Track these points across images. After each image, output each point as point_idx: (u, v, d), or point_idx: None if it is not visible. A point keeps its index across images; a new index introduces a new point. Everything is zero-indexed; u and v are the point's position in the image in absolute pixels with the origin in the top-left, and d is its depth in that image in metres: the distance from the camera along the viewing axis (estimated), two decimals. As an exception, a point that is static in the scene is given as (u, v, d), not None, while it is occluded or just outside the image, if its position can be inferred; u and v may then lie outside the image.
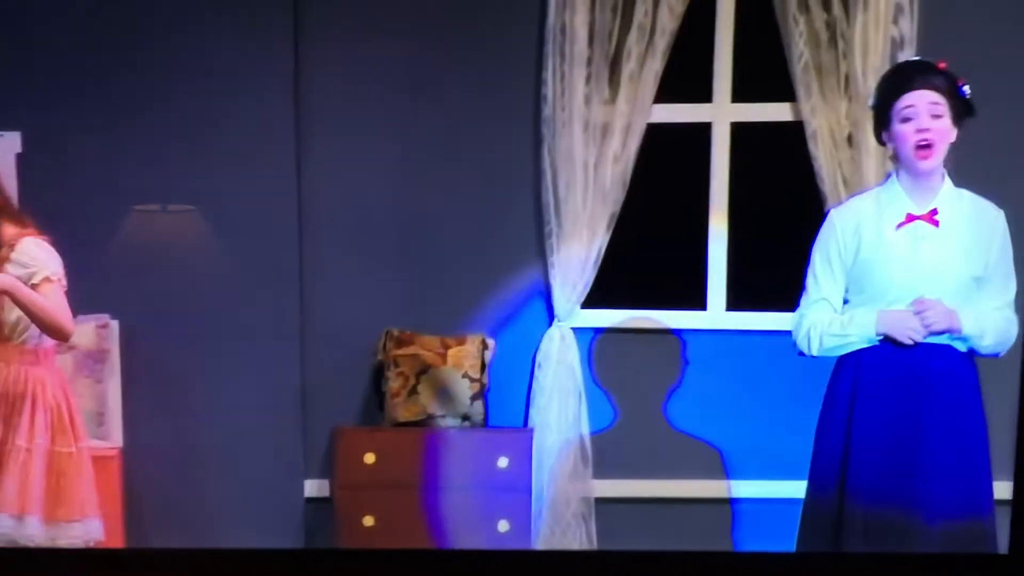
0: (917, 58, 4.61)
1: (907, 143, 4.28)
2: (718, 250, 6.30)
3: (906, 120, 4.27)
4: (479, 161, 6.25)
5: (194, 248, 6.21)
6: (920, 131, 4.26)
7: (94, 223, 6.12)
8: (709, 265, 6.32)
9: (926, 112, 4.26)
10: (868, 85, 5.68)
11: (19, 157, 6.11)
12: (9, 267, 4.93)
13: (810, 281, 4.50)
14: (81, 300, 5.15)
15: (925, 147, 4.27)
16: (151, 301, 6.18)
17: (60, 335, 5.03)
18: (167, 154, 6.13)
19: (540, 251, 6.25)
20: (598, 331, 6.34)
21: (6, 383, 5.05)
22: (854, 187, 5.80)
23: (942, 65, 4.34)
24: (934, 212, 4.34)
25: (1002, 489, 4.62)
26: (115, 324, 6.17)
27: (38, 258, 4.98)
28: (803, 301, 4.52)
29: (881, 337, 4.34)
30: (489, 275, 6.29)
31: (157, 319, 6.19)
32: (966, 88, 4.33)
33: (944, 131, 4.27)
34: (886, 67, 5.60)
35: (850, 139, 5.96)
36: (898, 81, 4.36)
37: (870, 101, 4.51)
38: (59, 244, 5.13)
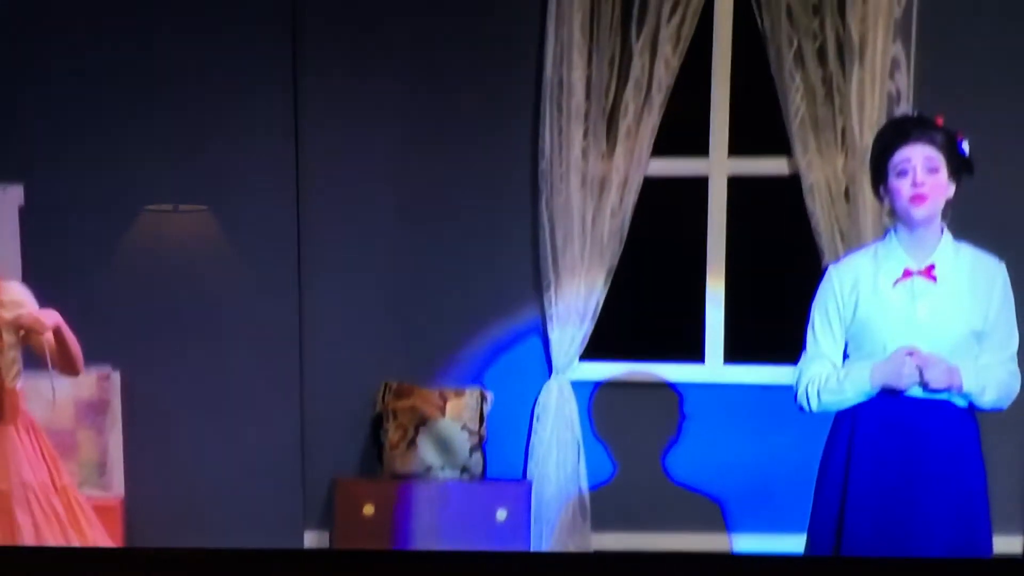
0: (914, 114, 4.58)
1: (902, 196, 4.23)
2: (715, 303, 6.31)
3: (902, 174, 4.23)
4: (477, 214, 6.28)
5: (194, 301, 6.22)
6: (915, 184, 4.21)
7: (95, 276, 6.14)
8: (707, 318, 6.31)
9: (922, 166, 4.22)
10: (865, 140, 5.72)
11: (22, 210, 6.13)
12: (3, 311, 4.89)
13: (809, 338, 4.44)
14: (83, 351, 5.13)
15: (919, 198, 4.22)
16: (152, 352, 6.19)
17: (78, 370, 4.99)
18: (167, 214, 6.17)
19: (538, 304, 6.26)
20: (596, 384, 6.34)
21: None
22: (851, 241, 5.81)
23: (939, 121, 4.29)
24: (931, 268, 4.28)
25: (1008, 544, 4.58)
26: (116, 375, 6.19)
27: (26, 299, 4.94)
28: (803, 357, 4.46)
29: (878, 390, 4.27)
30: (487, 328, 6.30)
31: (158, 370, 6.20)
32: (965, 144, 4.29)
33: (940, 185, 4.23)
34: (883, 122, 5.62)
35: (847, 193, 5.97)
36: (894, 135, 4.31)
37: (865, 157, 4.49)
38: (63, 297, 5.12)
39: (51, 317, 4.79)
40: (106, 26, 6.11)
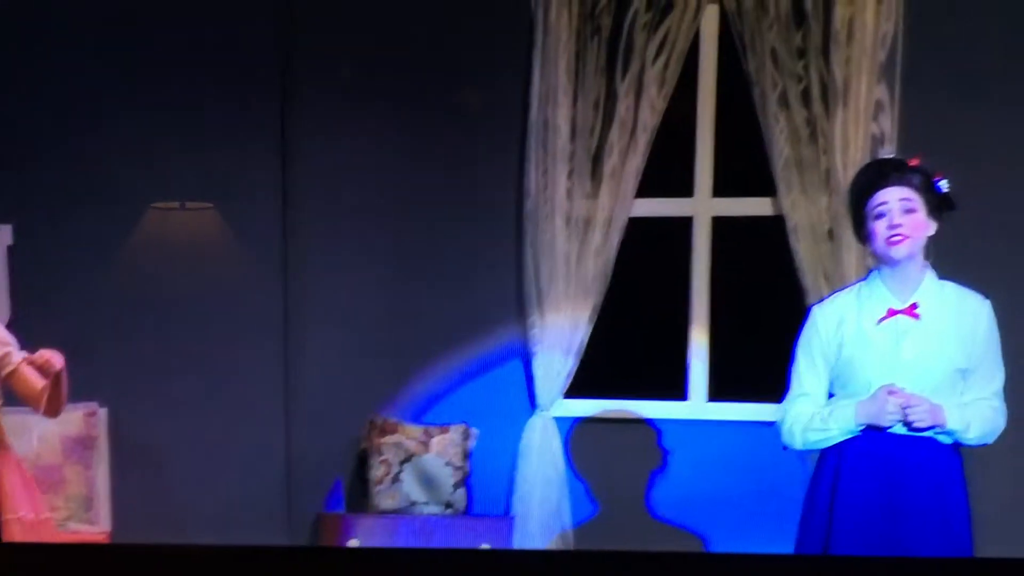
0: (888, 156, 4.61)
1: (879, 238, 4.26)
2: (700, 341, 6.30)
3: (879, 217, 4.25)
4: (463, 253, 6.29)
5: (179, 339, 6.22)
6: (892, 227, 4.23)
7: (83, 313, 6.15)
8: (690, 356, 6.31)
9: (898, 208, 4.23)
10: (848, 180, 5.44)
11: (10, 249, 6.15)
12: None
13: (794, 377, 4.46)
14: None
15: (896, 240, 4.24)
16: (138, 388, 6.19)
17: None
18: (152, 252, 6.22)
19: (523, 341, 6.25)
20: (580, 421, 6.33)
21: None
22: (835, 281, 5.81)
23: (914, 161, 4.31)
24: (914, 306, 4.29)
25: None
26: (103, 412, 6.18)
27: (9, 339, 4.94)
28: (787, 396, 4.47)
29: (862, 427, 4.29)
30: (473, 365, 6.29)
31: (144, 407, 6.20)
32: (942, 183, 4.30)
33: (918, 224, 4.24)
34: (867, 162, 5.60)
35: (831, 234, 5.98)
36: (869, 180, 4.34)
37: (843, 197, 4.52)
38: (53, 333, 5.11)
39: (59, 359, 4.79)
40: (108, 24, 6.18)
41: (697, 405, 6.32)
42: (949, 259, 4.42)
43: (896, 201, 4.23)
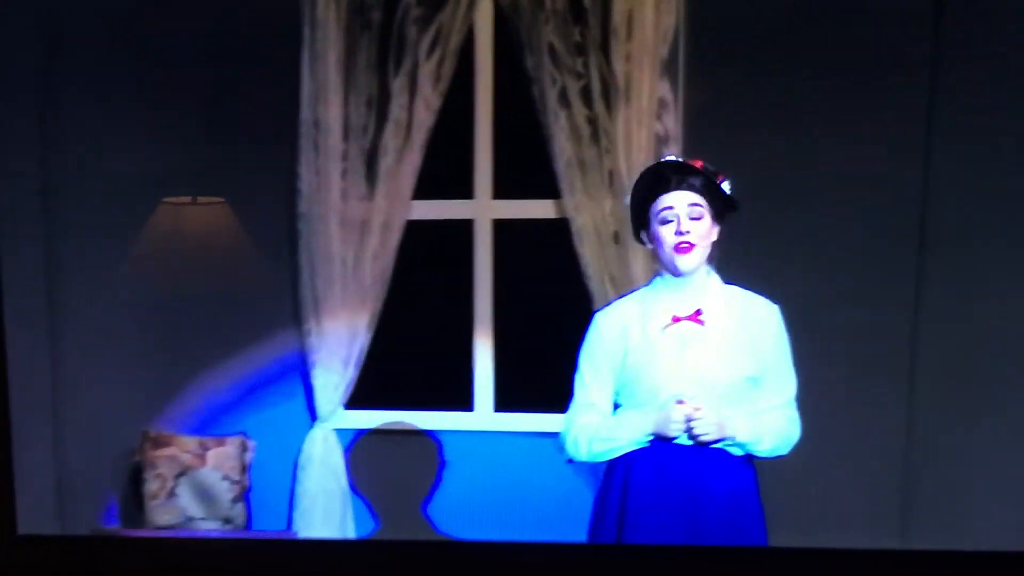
0: (673, 158, 4.54)
1: (666, 245, 4.18)
2: (484, 350, 6.19)
3: (665, 222, 4.18)
4: (237, 255, 6.15)
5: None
6: (679, 233, 4.16)
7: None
8: (476, 365, 6.20)
9: (685, 214, 4.16)
10: (633, 182, 5.50)
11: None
12: None
13: (578, 386, 4.36)
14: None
15: (685, 248, 4.17)
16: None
17: None
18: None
19: (301, 349, 6.13)
20: (363, 433, 6.21)
21: None
22: (623, 286, 5.69)
23: (698, 163, 4.25)
24: (698, 312, 4.22)
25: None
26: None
27: None
28: (571, 406, 4.37)
29: (650, 438, 4.19)
30: (249, 374, 6.17)
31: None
32: (725, 184, 4.24)
33: (705, 231, 4.18)
34: (651, 163, 5.39)
35: (616, 237, 5.88)
36: (655, 182, 4.26)
37: (626, 199, 4.42)
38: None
39: None
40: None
41: (484, 416, 6.21)
42: (734, 263, 4.36)
43: (684, 207, 4.16)
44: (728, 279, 4.29)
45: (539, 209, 6.11)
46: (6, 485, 2.10)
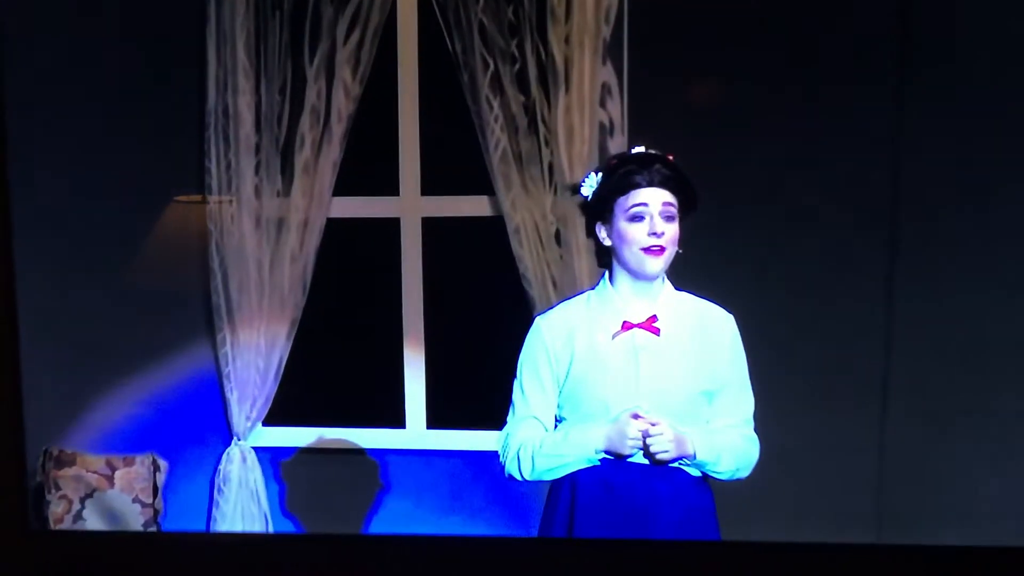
0: (650, 150, 4.19)
1: (635, 245, 3.88)
2: (415, 361, 5.85)
3: (636, 219, 3.87)
4: (145, 257, 5.85)
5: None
6: (653, 235, 3.86)
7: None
8: (406, 378, 5.86)
9: (660, 213, 3.87)
10: (575, 175, 5.29)
11: None
12: None
13: (517, 397, 4.04)
14: None
15: (656, 251, 3.88)
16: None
17: None
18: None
19: (214, 361, 5.85)
20: (283, 451, 5.93)
21: None
22: (566, 289, 5.37)
23: (671, 156, 3.95)
24: (653, 319, 3.91)
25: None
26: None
27: None
28: (510, 419, 4.05)
29: (601, 455, 3.89)
30: (160, 387, 5.88)
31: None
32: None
33: (675, 235, 3.90)
34: (595, 155, 5.30)
35: (558, 236, 5.53)
36: (628, 174, 3.93)
37: (585, 189, 4.04)
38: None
39: None
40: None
41: (416, 433, 5.88)
42: (683, 266, 4.00)
43: (659, 205, 3.88)
44: (677, 285, 3.98)
45: (472, 206, 5.75)
46: (18, 480, 1.98)
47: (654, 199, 3.87)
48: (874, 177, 5.37)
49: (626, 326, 3.90)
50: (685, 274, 4.01)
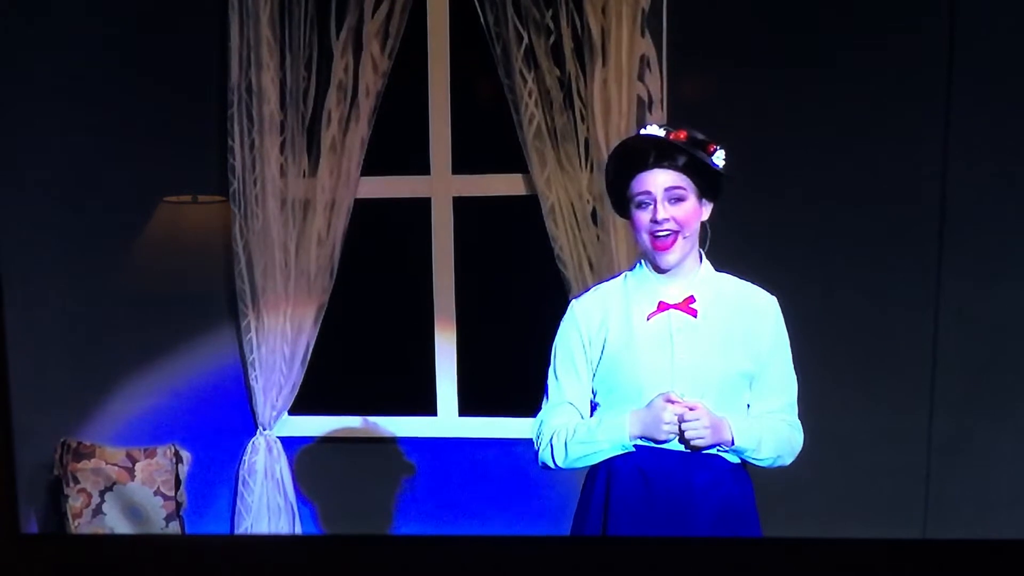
0: (655, 127, 4.06)
1: (643, 234, 3.78)
2: (447, 347, 5.77)
3: (641, 206, 3.75)
4: (167, 242, 5.76)
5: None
6: (655, 222, 3.74)
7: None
8: (437, 364, 5.78)
9: (662, 198, 3.73)
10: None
11: None
12: None
13: (551, 383, 3.93)
14: None
15: (664, 240, 3.75)
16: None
17: None
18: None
19: (239, 348, 5.77)
20: (310, 441, 5.87)
21: None
22: (602, 271, 5.27)
23: (681, 135, 3.76)
24: (691, 300, 3.79)
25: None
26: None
27: None
28: (544, 406, 3.94)
29: (635, 442, 3.77)
30: (182, 377, 5.83)
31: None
32: (718, 156, 3.77)
33: (688, 215, 3.74)
34: (633, 131, 5.03)
35: (594, 216, 5.42)
36: (628, 160, 3.82)
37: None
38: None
39: None
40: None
41: (448, 421, 5.79)
42: (727, 248, 3.88)
43: (660, 190, 3.73)
44: (719, 267, 3.84)
45: (505, 185, 5.67)
46: (8, 483, 1.94)
47: (655, 184, 3.74)
48: (924, 163, 5.27)
49: (662, 306, 3.79)
50: (730, 255, 3.90)
